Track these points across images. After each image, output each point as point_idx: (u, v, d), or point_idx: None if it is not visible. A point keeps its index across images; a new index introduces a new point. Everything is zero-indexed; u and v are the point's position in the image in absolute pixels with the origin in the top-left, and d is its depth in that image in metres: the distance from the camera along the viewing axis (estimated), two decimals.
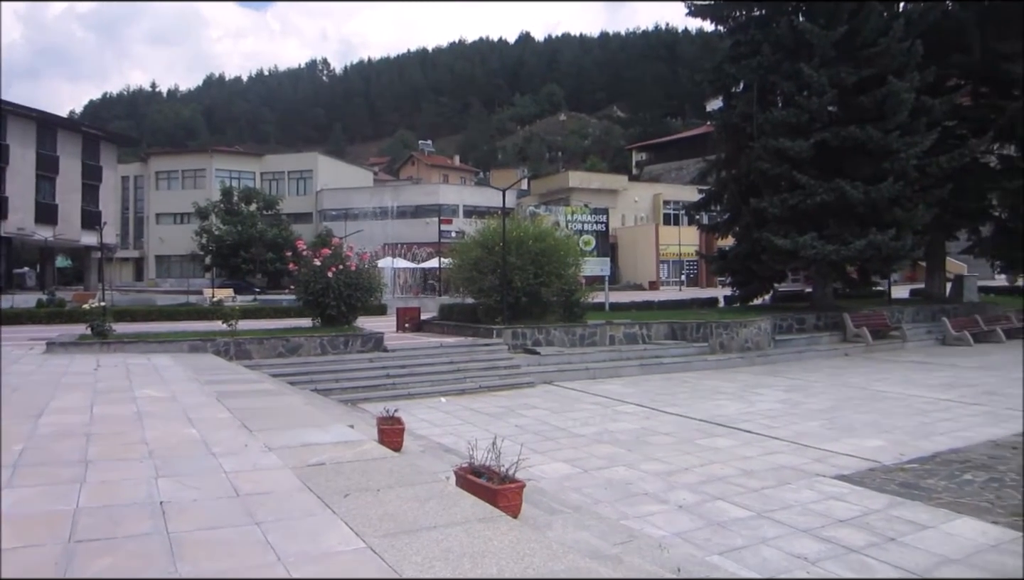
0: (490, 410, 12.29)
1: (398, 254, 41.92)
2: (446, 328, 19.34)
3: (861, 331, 20.82)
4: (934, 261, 27.42)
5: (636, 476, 8.11)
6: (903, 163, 20.16)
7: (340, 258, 16.21)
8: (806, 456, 8.92)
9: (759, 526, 6.46)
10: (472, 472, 4.69)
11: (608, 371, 16.21)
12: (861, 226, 20.25)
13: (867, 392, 13.74)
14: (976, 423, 10.70)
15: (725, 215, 25.24)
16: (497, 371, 15.22)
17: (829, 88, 20.15)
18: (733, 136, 23.36)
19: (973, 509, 6.81)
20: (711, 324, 18.62)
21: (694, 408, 12.25)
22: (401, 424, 6.75)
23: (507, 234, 17.40)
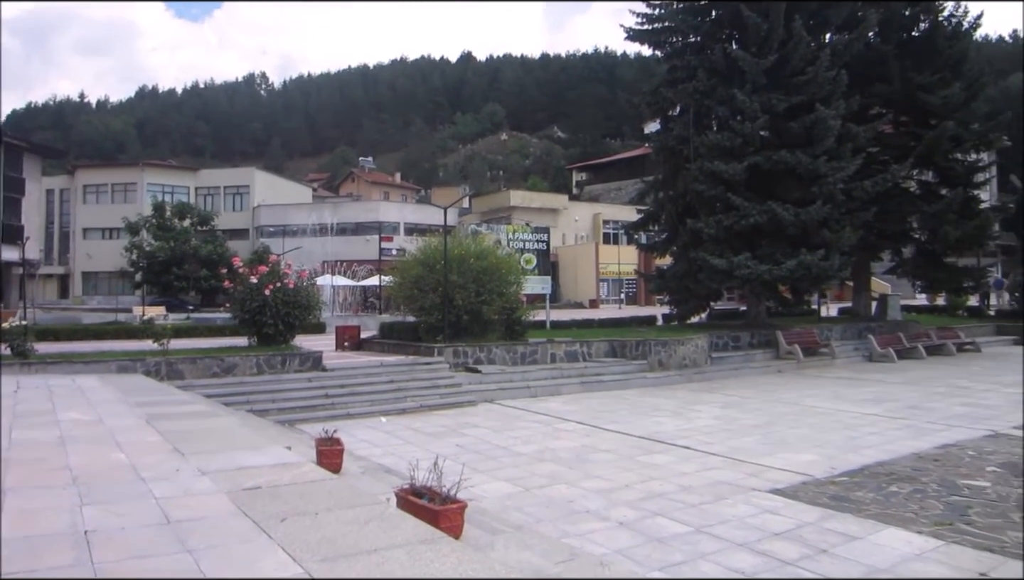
0: (431, 429, 12.18)
1: (338, 272, 41.32)
2: (386, 346, 19.12)
3: (793, 348, 21.50)
4: (860, 281, 28.57)
5: (577, 494, 8.14)
6: (830, 187, 20.99)
7: (278, 275, 15.88)
8: (742, 471, 9.12)
9: (698, 541, 6.56)
10: (413, 493, 4.64)
11: (549, 389, 16.28)
12: (792, 246, 20.96)
13: (799, 407, 14.17)
14: (901, 437, 11.14)
15: (663, 235, 25.78)
16: (438, 390, 15.11)
17: (761, 113, 20.88)
18: (670, 158, 23.93)
19: (899, 520, 7.07)
20: (650, 342, 18.94)
21: (634, 425, 12.40)
22: (340, 445, 6.63)
23: (448, 252, 17.37)
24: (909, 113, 25.96)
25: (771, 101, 20.97)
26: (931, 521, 7.02)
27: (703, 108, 22.45)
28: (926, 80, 24.70)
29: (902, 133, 26.02)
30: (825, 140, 20.99)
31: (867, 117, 24.81)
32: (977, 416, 12.79)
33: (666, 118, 24.81)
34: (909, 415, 13.06)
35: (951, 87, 24.64)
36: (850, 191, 22.00)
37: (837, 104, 21.28)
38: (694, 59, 22.89)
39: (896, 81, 24.83)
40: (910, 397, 15.28)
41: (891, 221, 25.54)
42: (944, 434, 11.22)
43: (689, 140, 22.01)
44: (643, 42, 24.98)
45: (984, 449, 10.17)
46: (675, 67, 23.91)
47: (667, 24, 23.87)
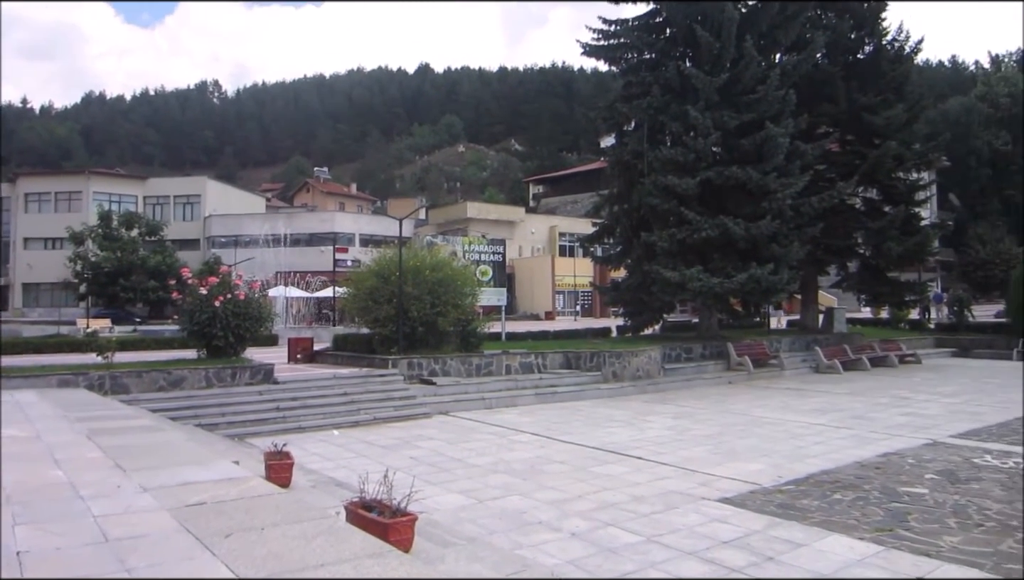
0: (384, 442, 12.07)
1: (291, 283, 40.72)
2: (340, 359, 18.90)
3: (743, 360, 21.91)
4: (808, 294, 29.29)
5: (530, 505, 8.16)
6: (780, 202, 21.53)
7: (228, 287, 15.59)
8: (693, 481, 9.26)
9: (648, 550, 6.63)
10: (363, 506, 4.59)
11: (504, 400, 16.28)
12: (743, 260, 21.40)
13: (749, 418, 14.44)
14: (845, 446, 11.43)
15: (618, 248, 26.05)
16: (392, 402, 14.99)
17: (713, 130, 21.33)
18: (625, 172, 24.25)
19: (842, 526, 7.26)
20: (604, 353, 19.10)
21: (588, 436, 12.48)
22: (290, 459, 6.52)
23: (404, 263, 17.29)
24: (854, 132, 26.79)
25: (723, 118, 21.43)
26: (872, 527, 7.23)
27: (657, 123, 22.83)
28: (870, 101, 25.57)
29: (848, 152, 26.82)
30: (775, 157, 21.52)
31: (815, 136, 25.55)
32: (917, 425, 13.21)
33: (621, 133, 25.14)
34: (853, 425, 13.42)
35: (894, 109, 25.55)
36: (798, 207, 22.59)
37: (786, 122, 21.86)
38: (649, 75, 23.29)
39: (842, 101, 25.64)
40: (854, 407, 15.70)
41: (837, 236, 26.30)
42: (886, 443, 11.56)
43: (643, 155, 22.34)
44: (599, 58, 25.30)
45: (923, 457, 10.51)
46: (630, 83, 24.28)
47: (623, 41, 24.23)
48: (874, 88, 26.04)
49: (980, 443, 11.52)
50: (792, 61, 23.41)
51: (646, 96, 22.70)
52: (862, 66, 26.90)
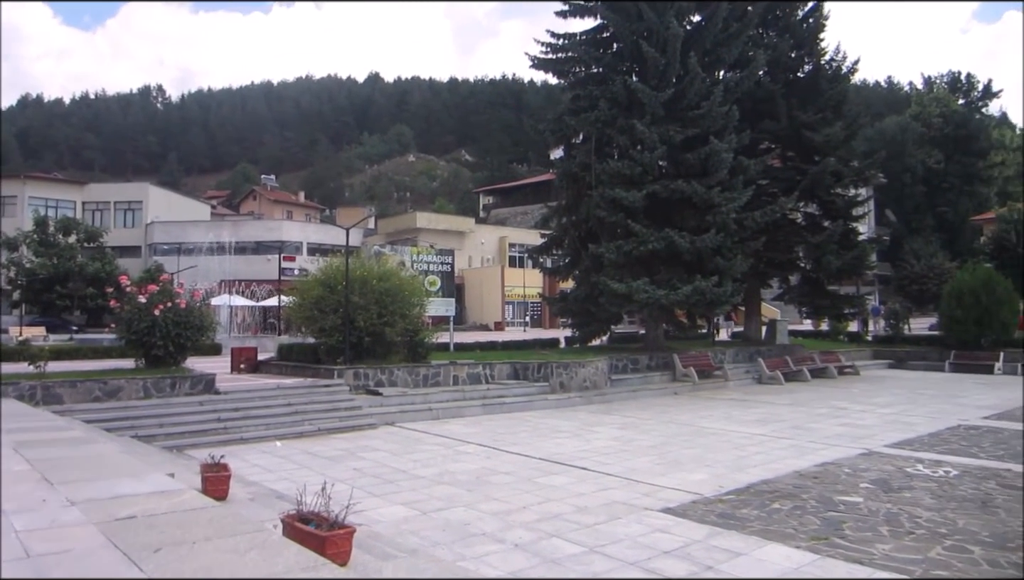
0: (329, 453, 11.87)
1: (236, 291, 39.84)
2: (285, 369, 18.55)
3: (689, 371, 22.27)
4: (751, 306, 29.97)
5: (475, 516, 8.12)
6: (724, 216, 22.00)
7: (169, 295, 15.16)
8: (636, 491, 9.34)
9: (591, 561, 6.65)
10: (300, 519, 4.49)
11: (451, 411, 16.19)
12: (688, 273, 21.78)
13: (693, 428, 14.66)
14: (784, 455, 11.70)
15: (566, 259, 26.24)
16: (337, 413, 14.76)
17: (659, 144, 21.70)
18: (573, 184, 24.48)
19: (780, 535, 7.40)
20: (552, 364, 19.18)
21: (534, 447, 12.49)
22: (227, 471, 6.36)
23: (351, 273, 17.10)
24: (795, 149, 27.60)
25: (669, 133, 21.84)
26: (809, 536, 7.39)
27: (605, 137, 23.12)
28: (810, 119, 26.40)
29: (789, 167, 27.60)
30: (719, 172, 22.01)
31: (757, 151, 26.25)
32: (854, 435, 13.60)
33: (569, 145, 25.38)
34: (793, 435, 13.74)
35: (832, 126, 26.43)
36: (742, 221, 23.12)
37: (730, 138, 22.38)
38: (596, 89, 23.59)
39: (783, 118, 26.41)
40: (794, 418, 16.08)
41: (779, 250, 27.01)
42: (823, 453, 11.86)
43: (591, 167, 22.58)
44: (548, 71, 25.55)
45: (859, 467, 10.81)
46: (578, 96, 24.55)
47: (571, 55, 24.51)
48: (813, 106, 26.90)
49: (912, 452, 11.91)
50: (735, 78, 24.02)
51: (594, 109, 22.98)
52: (802, 85, 27.78)
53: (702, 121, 22.25)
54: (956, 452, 11.91)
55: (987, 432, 13.98)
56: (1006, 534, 7.45)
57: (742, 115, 23.46)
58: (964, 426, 14.73)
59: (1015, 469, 10.52)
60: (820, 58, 28.09)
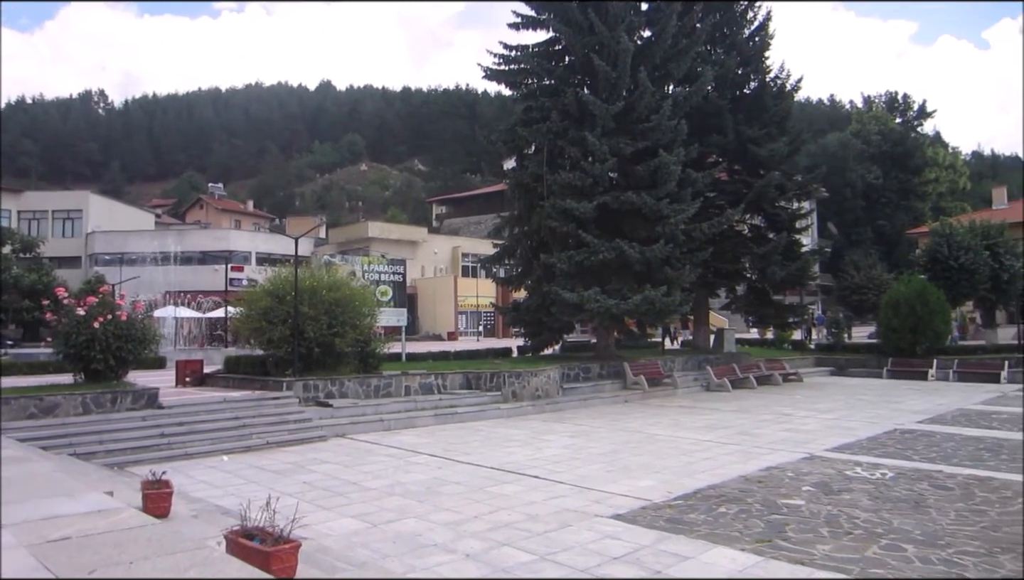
0: (277, 467, 11.67)
1: (182, 303, 38.85)
2: (232, 381, 18.16)
3: (639, 379, 22.56)
4: (700, 315, 30.54)
5: (426, 527, 8.08)
6: (672, 227, 22.41)
7: (109, 307, 14.71)
8: (587, 498, 9.42)
9: (542, 569, 6.69)
10: (244, 535, 4.41)
11: (403, 422, 16.08)
12: (638, 282, 22.09)
13: (643, 436, 14.85)
14: (731, 461, 11.94)
15: (519, 269, 26.35)
16: (286, 425, 14.52)
17: (610, 156, 22.02)
18: (525, 195, 24.63)
19: (726, 539, 7.56)
20: (504, 373, 19.22)
21: (486, 456, 12.49)
22: (170, 487, 6.20)
23: (300, 283, 16.87)
24: (741, 163, 28.29)
25: (619, 145, 22.17)
26: (753, 538, 7.57)
27: (557, 148, 23.34)
28: (756, 134, 27.11)
29: (735, 181, 28.27)
30: (668, 184, 22.41)
31: (705, 164, 26.83)
32: (797, 440, 13.97)
33: (522, 156, 25.54)
34: (739, 441, 14.04)
35: (777, 141, 27.18)
36: (690, 232, 23.59)
37: (678, 151, 22.83)
38: (548, 101, 23.82)
39: (730, 133, 27.07)
40: (741, 424, 16.44)
41: (726, 261, 27.62)
42: (768, 457, 12.16)
43: (543, 178, 22.77)
44: (500, 82, 25.70)
45: (801, 470, 11.12)
46: (530, 107, 24.76)
47: (523, 66, 24.71)
48: (759, 121, 27.63)
49: (852, 456, 12.29)
50: (684, 93, 24.56)
51: (546, 121, 23.21)
52: (748, 100, 28.53)
53: (652, 134, 22.66)
54: (892, 455, 12.34)
55: (921, 436, 14.51)
56: (936, 532, 7.76)
57: (690, 129, 23.98)
58: (900, 430, 15.26)
59: (946, 470, 10.96)
60: (765, 75, 28.88)
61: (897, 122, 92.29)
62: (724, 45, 28.74)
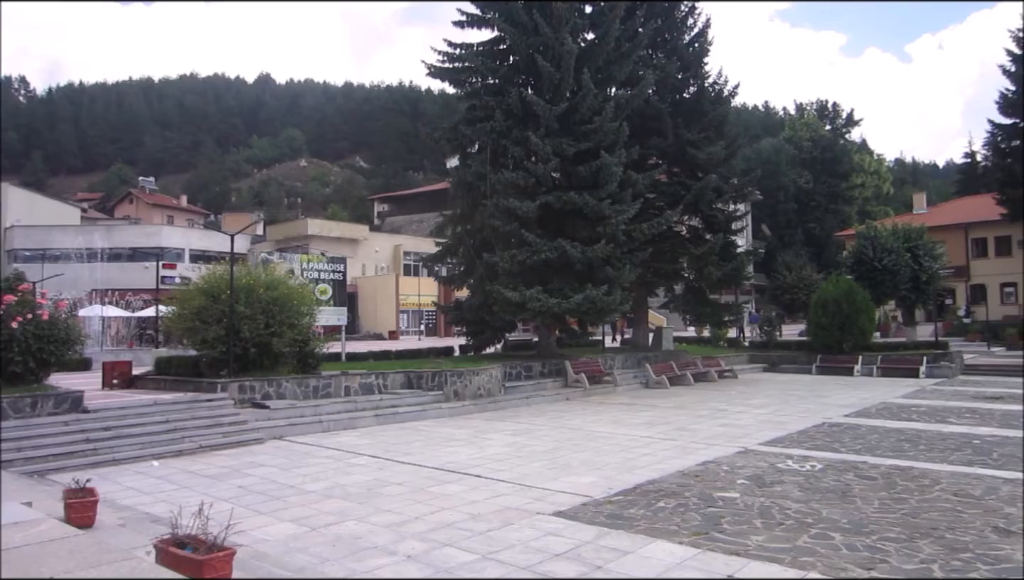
0: (211, 471, 11.34)
1: (109, 302, 37.35)
2: (163, 383, 17.54)
3: (580, 377, 22.78)
4: (639, 314, 31.05)
5: (366, 530, 7.98)
6: (613, 228, 22.71)
7: (29, 306, 14.03)
8: (528, 496, 9.46)
9: (484, 568, 6.68)
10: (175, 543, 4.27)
11: (343, 423, 15.85)
12: (579, 282, 22.30)
13: (583, 433, 15.00)
14: (669, 456, 12.18)
15: (461, 268, 26.30)
16: (221, 428, 14.12)
17: (553, 156, 22.16)
18: (468, 193, 24.58)
19: (664, 532, 7.71)
20: (446, 372, 19.15)
21: (427, 456, 12.42)
22: (95, 496, 5.96)
23: (236, 281, 16.42)
24: (680, 165, 28.86)
25: (562, 145, 22.33)
26: (691, 531, 7.74)
27: (500, 147, 23.36)
28: (694, 137, 27.72)
29: (674, 183, 28.81)
30: (609, 184, 22.70)
31: (645, 166, 27.27)
32: (732, 435, 14.34)
33: (465, 155, 25.47)
34: (677, 436, 14.33)
35: (715, 145, 27.85)
36: (630, 232, 23.95)
37: (620, 152, 23.14)
38: (492, 100, 23.82)
39: (670, 136, 27.59)
40: (679, 420, 16.77)
41: (665, 261, 28.15)
42: (704, 452, 12.44)
43: (486, 177, 22.76)
44: (444, 79, 25.57)
45: (736, 464, 11.41)
46: (474, 106, 24.72)
47: (467, 65, 24.64)
48: (697, 125, 28.26)
49: (783, 449, 12.69)
50: (625, 95, 24.89)
51: (489, 120, 23.19)
52: (687, 105, 29.14)
53: (594, 135, 22.90)
54: (821, 448, 12.80)
55: (847, 429, 15.10)
56: (862, 520, 8.09)
57: (631, 131, 24.35)
58: (828, 424, 15.85)
59: (870, 461, 11.44)
60: (704, 81, 29.55)
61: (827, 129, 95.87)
62: (665, 50, 29.28)
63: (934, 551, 7.00)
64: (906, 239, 35.46)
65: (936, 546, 7.15)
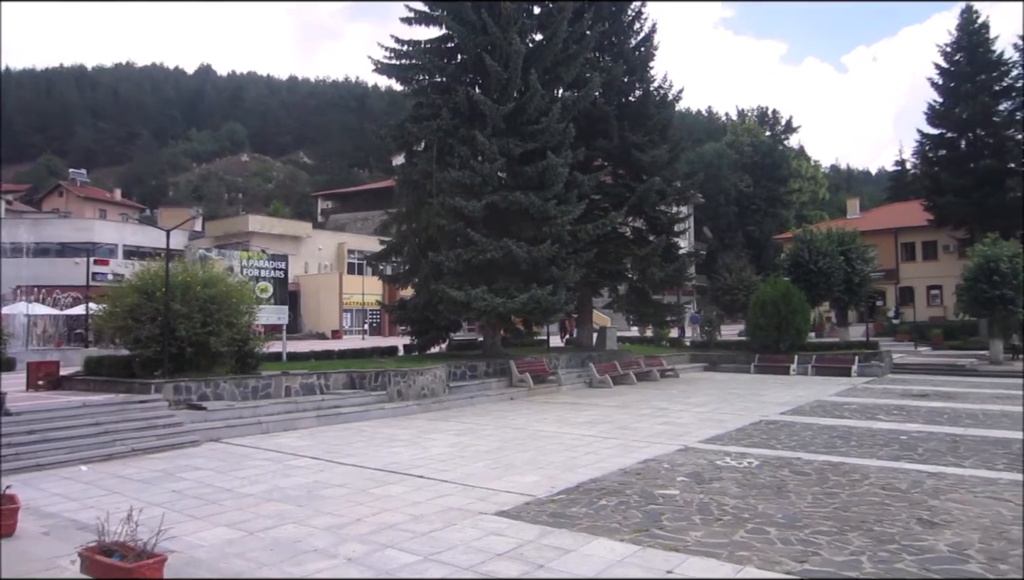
0: (144, 475, 10.97)
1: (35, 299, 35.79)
2: (93, 384, 16.89)
3: (524, 377, 22.85)
4: (584, 314, 31.34)
5: (306, 532, 7.84)
6: (559, 228, 22.85)
7: None
8: (472, 496, 9.44)
9: (426, 569, 6.64)
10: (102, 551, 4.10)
11: (283, 424, 15.54)
12: (525, 281, 22.37)
13: (527, 432, 15.05)
14: (612, 455, 12.31)
15: (406, 267, 26.08)
16: (155, 431, 13.68)
17: (499, 156, 22.16)
18: (414, 191, 24.40)
19: (605, 530, 7.79)
20: (389, 372, 18.96)
21: (370, 457, 12.28)
22: (15, 503, 5.69)
23: (172, 278, 15.94)
24: (625, 167, 29.23)
25: (509, 145, 22.35)
26: (631, 529, 7.84)
27: (446, 146, 23.24)
28: (639, 140, 28.10)
29: (619, 184, 29.15)
30: (555, 185, 22.83)
31: (591, 168, 27.53)
32: (673, 433, 14.60)
33: (411, 153, 25.25)
34: (620, 435, 14.50)
35: (659, 148, 28.28)
36: (575, 233, 24.14)
37: (566, 153, 23.28)
38: (439, 98, 23.69)
39: (615, 138, 27.92)
40: (621, 419, 16.98)
41: (609, 261, 28.47)
42: (646, 450, 12.63)
43: (432, 176, 22.62)
44: (391, 76, 25.34)
45: (676, 462, 11.61)
46: (421, 104, 24.54)
47: (415, 62, 24.45)
48: (642, 128, 28.66)
49: (722, 447, 12.98)
50: (572, 97, 25.07)
51: (436, 118, 23.06)
52: (633, 108, 29.52)
53: (540, 136, 22.99)
54: (758, 445, 13.14)
55: (783, 426, 15.54)
56: (796, 515, 8.34)
57: (578, 132, 24.53)
58: (765, 421, 16.29)
59: (804, 457, 11.81)
60: (649, 84, 29.98)
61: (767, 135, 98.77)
62: (612, 53, 29.61)
63: (863, 543, 7.25)
64: (840, 243, 36.69)
65: (865, 538, 7.42)
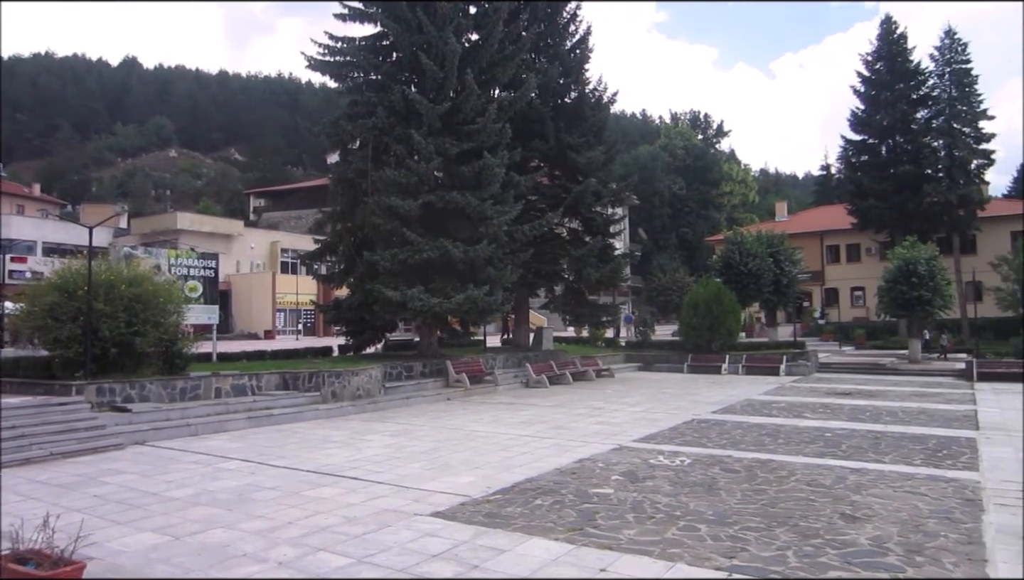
0: (63, 480, 10.51)
1: None
2: (10, 386, 15.99)
3: (461, 377, 22.84)
4: (520, 314, 31.50)
5: (235, 537, 7.65)
6: (495, 228, 22.92)
7: None
8: (407, 497, 9.38)
9: (359, 572, 6.58)
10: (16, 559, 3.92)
11: (213, 426, 15.11)
12: (461, 281, 22.35)
13: (463, 433, 15.05)
14: (547, 454, 12.43)
15: (341, 266, 25.72)
16: (75, 434, 13.10)
17: (436, 156, 22.06)
18: (349, 190, 24.08)
19: (540, 530, 7.86)
20: (323, 373, 18.68)
21: (303, 459, 12.07)
22: None
23: (95, 277, 15.31)
24: (561, 168, 29.55)
25: (445, 145, 22.28)
26: (566, 528, 7.93)
27: (382, 144, 23.02)
28: (575, 141, 28.44)
29: (556, 185, 29.48)
30: (491, 185, 22.88)
31: (528, 168, 27.71)
32: (608, 433, 14.83)
33: (346, 151, 24.91)
34: (555, 435, 14.65)
35: (594, 150, 28.68)
36: (512, 233, 24.26)
37: (502, 154, 23.35)
38: (375, 96, 23.43)
39: (552, 139, 28.18)
40: (557, 418, 17.15)
41: (546, 262, 28.74)
42: (581, 450, 12.80)
43: (368, 174, 22.36)
44: (325, 73, 24.94)
45: (611, 461, 11.81)
46: (356, 102, 24.21)
47: (349, 59, 24.13)
48: (578, 130, 29.01)
49: (656, 446, 13.26)
50: (508, 98, 25.16)
51: (372, 116, 22.81)
52: (568, 109, 29.86)
53: (477, 136, 23.01)
54: (690, 443, 13.48)
55: (714, 425, 15.98)
56: (726, 511, 8.58)
57: (514, 133, 24.66)
58: (697, 420, 16.71)
59: (735, 455, 12.17)
60: (585, 87, 30.38)
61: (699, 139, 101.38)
62: (548, 55, 29.88)
63: (789, 538, 7.52)
64: (769, 245, 37.92)
65: (791, 533, 7.70)
